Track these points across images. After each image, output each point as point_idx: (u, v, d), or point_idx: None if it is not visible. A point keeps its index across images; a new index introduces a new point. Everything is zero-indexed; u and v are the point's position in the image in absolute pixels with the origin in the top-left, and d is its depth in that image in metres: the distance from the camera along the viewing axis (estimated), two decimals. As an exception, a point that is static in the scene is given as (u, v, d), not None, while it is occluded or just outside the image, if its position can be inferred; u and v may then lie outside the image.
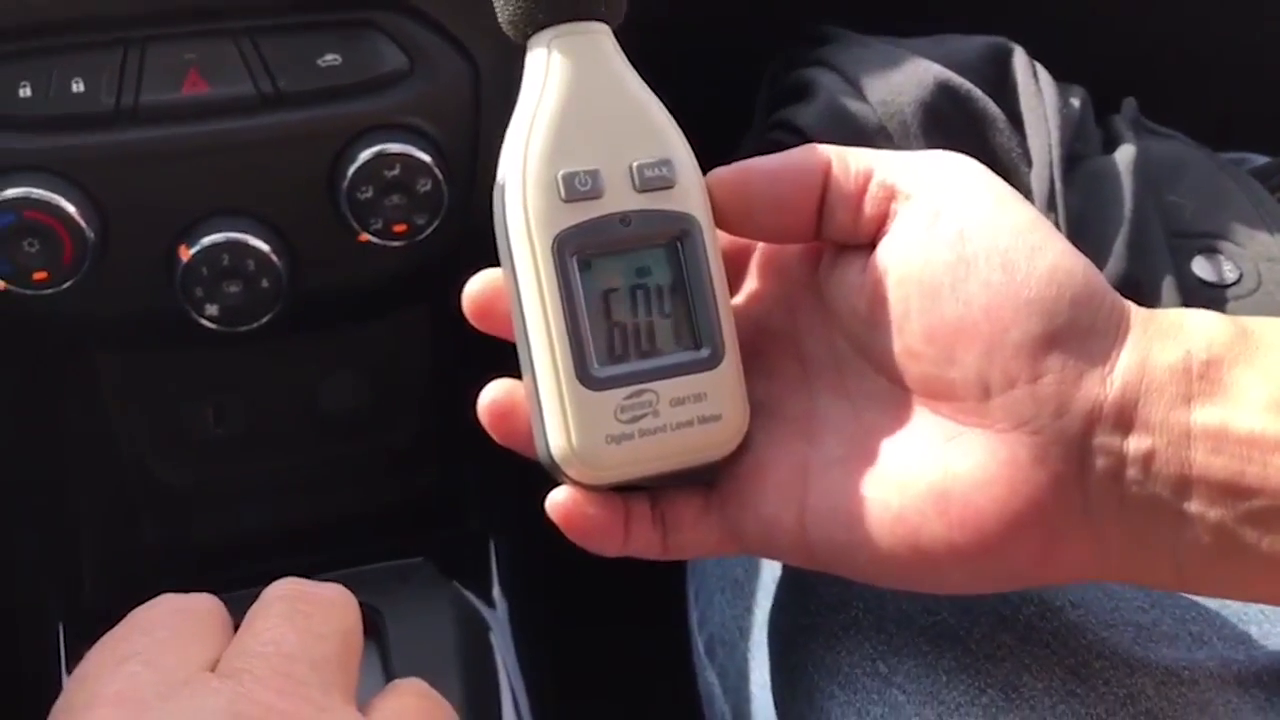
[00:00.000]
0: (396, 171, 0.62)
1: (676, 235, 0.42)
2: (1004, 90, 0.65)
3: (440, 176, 0.62)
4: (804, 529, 0.42)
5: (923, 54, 0.65)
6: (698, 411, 0.42)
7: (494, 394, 0.43)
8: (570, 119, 0.41)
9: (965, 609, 0.47)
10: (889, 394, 0.42)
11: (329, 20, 0.61)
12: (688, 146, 0.43)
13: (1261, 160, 0.74)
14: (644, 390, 0.41)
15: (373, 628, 0.66)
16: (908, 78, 0.63)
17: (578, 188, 0.41)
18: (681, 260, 0.42)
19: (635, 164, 0.42)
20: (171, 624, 0.37)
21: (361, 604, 0.40)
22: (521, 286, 0.41)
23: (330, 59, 0.61)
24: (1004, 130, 0.62)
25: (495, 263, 0.43)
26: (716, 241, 0.43)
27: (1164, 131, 0.70)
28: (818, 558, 0.42)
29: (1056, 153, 0.62)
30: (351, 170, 0.61)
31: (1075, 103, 0.65)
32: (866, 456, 0.41)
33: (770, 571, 0.54)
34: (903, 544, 0.40)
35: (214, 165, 0.61)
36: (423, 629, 0.67)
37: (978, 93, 0.63)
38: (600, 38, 0.43)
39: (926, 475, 0.40)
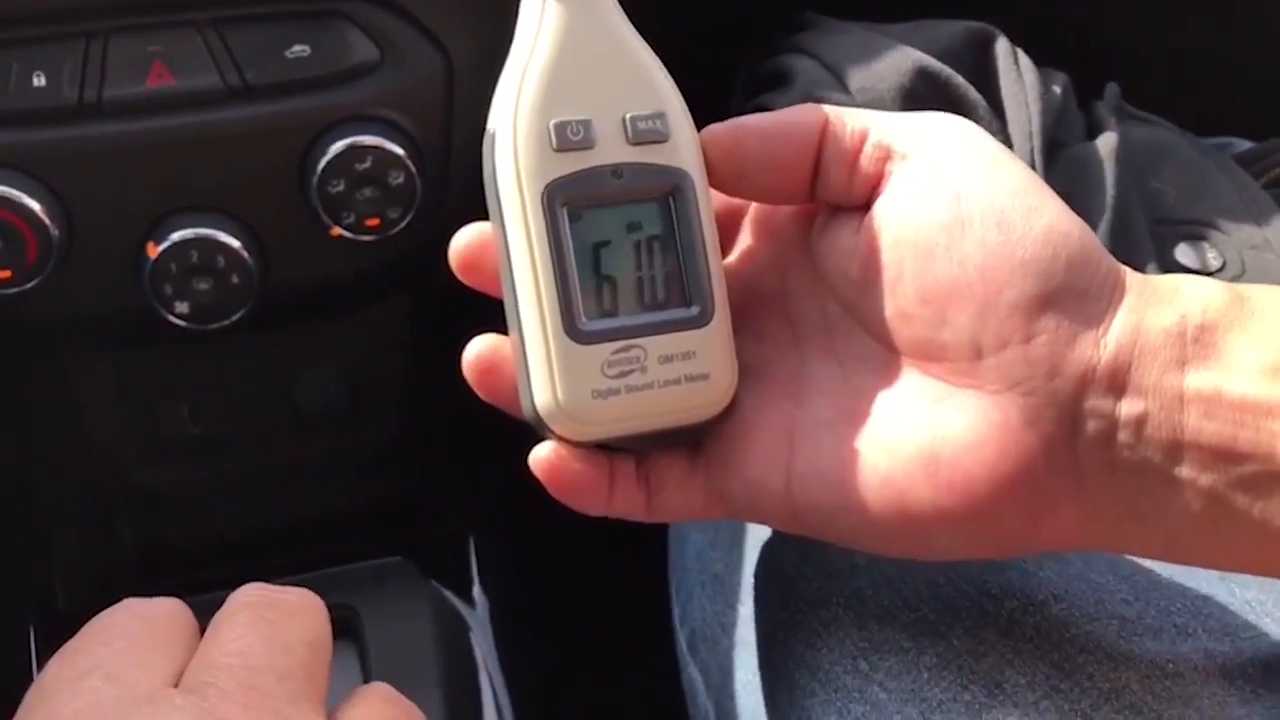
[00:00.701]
0: (368, 164, 0.61)
1: (669, 190, 0.42)
2: (984, 76, 0.64)
3: (413, 169, 0.61)
4: (790, 492, 0.41)
5: (902, 40, 0.64)
6: (686, 370, 0.41)
7: (479, 348, 0.43)
8: (563, 69, 0.41)
9: (947, 604, 0.46)
10: (879, 357, 0.41)
11: (297, 10, 0.60)
12: (682, 101, 0.42)
13: (1245, 145, 0.73)
14: (632, 346, 0.41)
15: (350, 628, 0.65)
16: (887, 64, 0.63)
17: (569, 137, 0.40)
18: (673, 216, 0.42)
19: (629, 116, 0.41)
20: (133, 633, 0.36)
21: (339, 604, 0.39)
22: (510, 237, 0.41)
23: (299, 50, 0.60)
24: (984, 116, 0.62)
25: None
26: (709, 199, 0.42)
27: (1147, 117, 0.70)
28: (804, 521, 0.42)
29: (1038, 140, 0.61)
30: (322, 164, 0.60)
31: (1056, 89, 0.64)
32: (855, 419, 0.41)
33: (750, 566, 0.53)
34: (891, 507, 0.40)
35: (181, 160, 0.60)
36: (401, 629, 0.66)
37: (958, 78, 0.62)
38: None
39: (916, 438, 0.40)
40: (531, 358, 0.41)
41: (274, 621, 0.36)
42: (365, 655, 0.66)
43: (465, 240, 0.43)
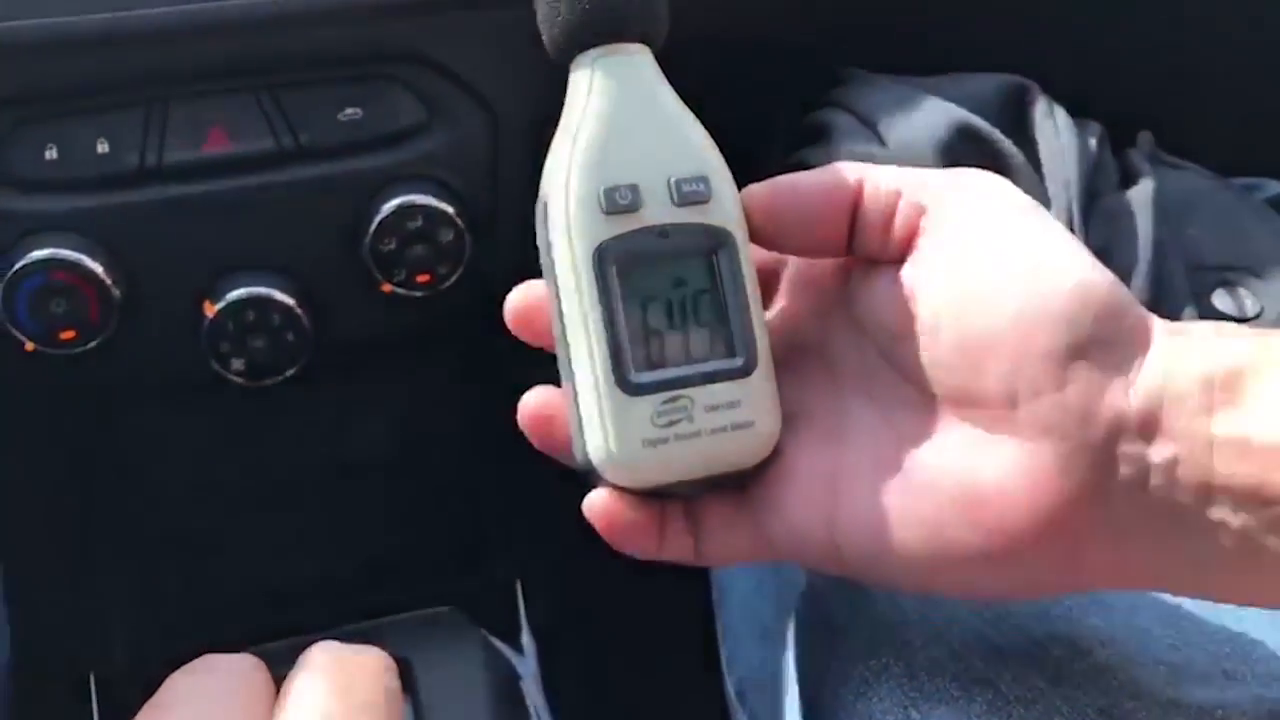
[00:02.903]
0: (419, 223, 0.62)
1: (712, 247, 0.43)
2: (1021, 130, 0.65)
3: (462, 226, 0.63)
4: (833, 535, 0.42)
5: (939, 94, 0.65)
6: (731, 418, 0.43)
7: (534, 399, 0.44)
8: (611, 136, 0.43)
9: (995, 652, 0.47)
10: (918, 403, 0.42)
11: (349, 74, 0.62)
12: (724, 163, 0.44)
13: (1277, 187, 0.74)
14: (680, 396, 0.42)
15: (404, 680, 0.66)
16: (923, 119, 0.64)
17: (618, 201, 0.42)
18: (717, 271, 0.43)
19: (674, 179, 0.43)
20: (214, 693, 0.37)
21: (392, 654, 0.40)
22: (563, 295, 0.42)
23: (351, 113, 0.62)
24: (1022, 171, 0.62)
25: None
26: (750, 254, 0.44)
27: (1180, 164, 0.70)
28: (847, 563, 0.43)
29: (1075, 191, 0.62)
30: (375, 223, 0.62)
31: (1093, 141, 0.65)
32: (895, 464, 0.42)
33: (796, 615, 0.54)
34: (931, 550, 0.41)
35: (237, 221, 0.62)
36: (454, 679, 0.67)
37: (996, 134, 0.63)
38: (641, 58, 0.44)
39: (955, 482, 0.40)
40: (584, 409, 0.42)
41: (349, 685, 0.37)
42: (419, 706, 0.66)
43: (519, 298, 0.45)
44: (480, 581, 0.83)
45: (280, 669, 0.39)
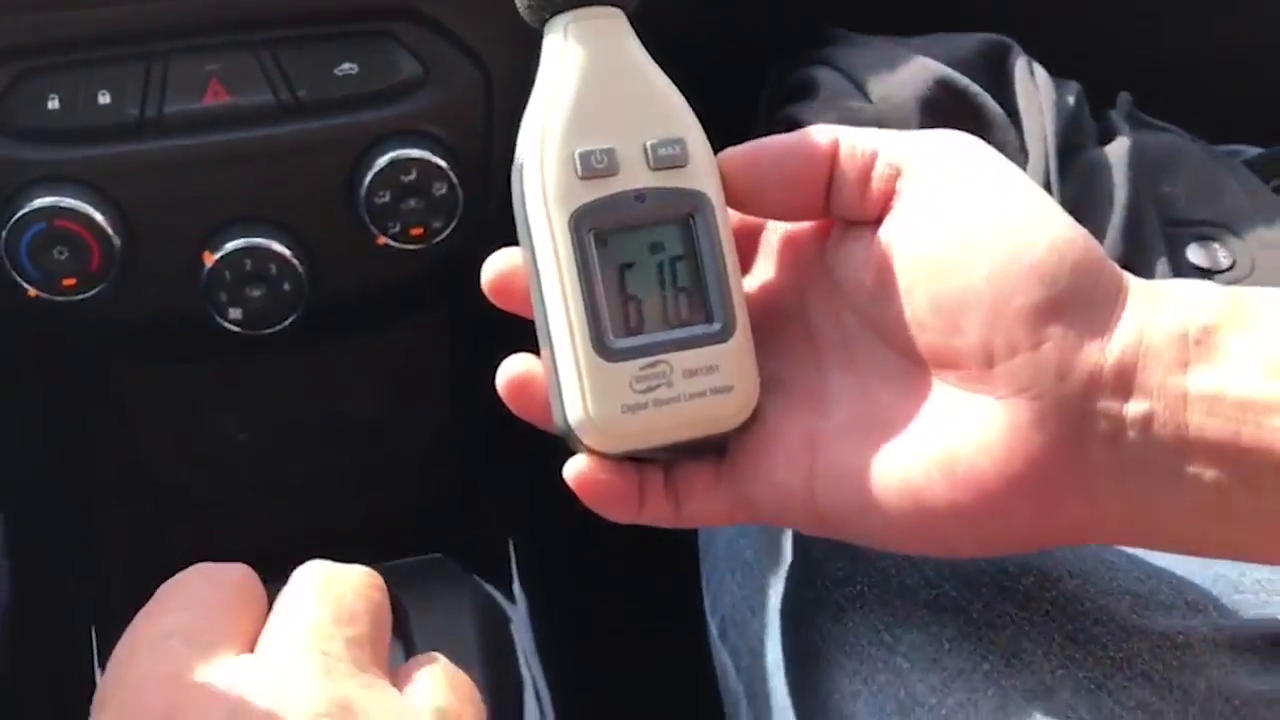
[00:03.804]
0: (413, 176, 0.63)
1: (689, 212, 0.43)
2: (1001, 86, 0.66)
3: (455, 180, 0.64)
4: (813, 496, 0.43)
5: (922, 52, 0.66)
6: (710, 383, 0.43)
7: (512, 367, 0.45)
8: (586, 100, 0.43)
9: (967, 581, 0.48)
10: (896, 365, 0.43)
11: (346, 30, 0.63)
12: (700, 127, 0.44)
13: (1255, 152, 0.75)
14: (658, 361, 0.43)
15: (395, 622, 0.68)
16: (908, 75, 0.65)
17: (594, 165, 0.42)
18: (694, 236, 0.43)
19: (650, 143, 0.43)
20: (208, 598, 0.38)
21: None
22: (540, 261, 0.42)
23: (347, 68, 0.63)
24: (1001, 124, 0.64)
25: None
26: (728, 218, 0.44)
27: (1159, 124, 0.72)
28: (827, 523, 0.44)
29: (1052, 145, 0.63)
30: (369, 176, 0.63)
31: (1070, 98, 0.66)
32: (874, 425, 0.43)
33: (778, 552, 0.55)
34: (909, 507, 0.41)
35: (236, 173, 0.63)
36: (445, 622, 0.68)
37: (975, 88, 0.64)
38: (615, 22, 0.44)
39: (932, 441, 0.41)
40: (563, 375, 0.42)
41: (339, 594, 0.38)
42: (411, 648, 0.68)
43: (496, 266, 0.45)
44: (472, 534, 0.84)
45: (274, 589, 0.40)
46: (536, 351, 0.44)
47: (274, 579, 0.41)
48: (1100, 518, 0.41)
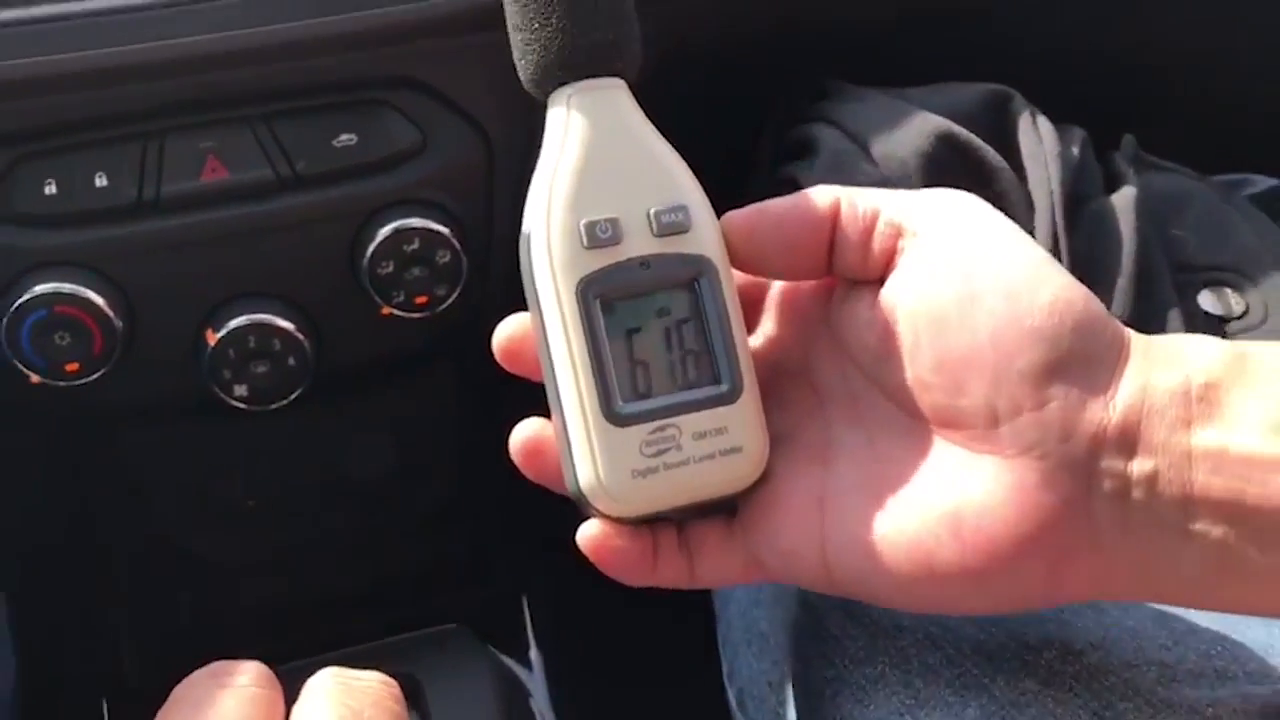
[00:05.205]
0: (416, 245, 0.63)
1: (694, 276, 0.44)
2: (1004, 137, 0.66)
3: (458, 247, 0.64)
4: (823, 556, 0.43)
5: (922, 104, 0.66)
6: (719, 444, 0.43)
7: (524, 432, 0.45)
8: (590, 170, 0.43)
9: (988, 658, 0.47)
10: (902, 423, 0.43)
11: (343, 101, 0.63)
12: (702, 192, 0.45)
13: (1265, 182, 0.74)
14: (667, 425, 0.43)
15: (414, 698, 0.67)
16: (909, 130, 0.64)
17: (599, 235, 0.43)
18: (699, 300, 0.44)
19: (653, 210, 0.44)
20: (223, 709, 0.38)
21: (402, 674, 0.40)
22: (548, 329, 0.43)
23: (346, 139, 0.63)
24: (1006, 177, 0.63)
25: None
26: (732, 281, 0.44)
27: (1165, 165, 0.71)
28: (838, 584, 0.44)
29: (1058, 197, 0.63)
30: (372, 247, 0.63)
31: (1074, 148, 0.66)
32: (881, 484, 0.43)
33: (794, 625, 0.54)
34: (918, 568, 0.41)
35: (236, 249, 0.63)
36: (464, 697, 0.67)
37: (978, 141, 0.63)
38: (616, 92, 0.45)
39: (940, 501, 0.41)
40: (574, 441, 0.43)
41: (357, 710, 0.38)
42: (430, 726, 0.67)
43: (507, 331, 0.45)
44: (485, 597, 0.83)
45: (288, 690, 0.40)
46: (546, 414, 0.44)
47: (288, 668, 0.40)
48: (1110, 575, 0.41)
